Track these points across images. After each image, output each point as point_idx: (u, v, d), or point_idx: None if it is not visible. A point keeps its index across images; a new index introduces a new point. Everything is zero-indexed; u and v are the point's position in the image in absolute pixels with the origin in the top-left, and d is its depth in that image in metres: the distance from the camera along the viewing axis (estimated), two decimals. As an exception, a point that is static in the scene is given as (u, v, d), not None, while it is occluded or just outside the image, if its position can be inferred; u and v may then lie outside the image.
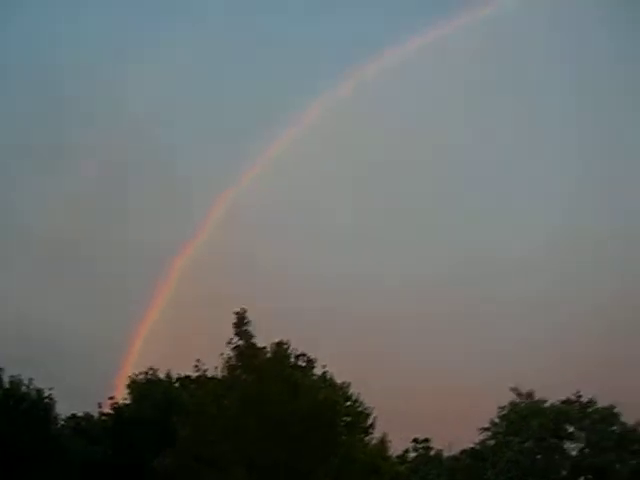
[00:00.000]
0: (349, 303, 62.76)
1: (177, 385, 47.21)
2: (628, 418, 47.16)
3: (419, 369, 59.41)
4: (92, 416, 48.57)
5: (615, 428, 47.17)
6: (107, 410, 47.38)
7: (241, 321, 38.65)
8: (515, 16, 66.13)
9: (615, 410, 47.49)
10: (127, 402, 46.85)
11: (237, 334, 38.68)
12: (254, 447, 36.09)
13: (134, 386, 47.21)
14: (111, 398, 47.32)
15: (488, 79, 72.02)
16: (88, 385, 50.55)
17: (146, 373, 47.52)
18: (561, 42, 72.11)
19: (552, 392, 48.90)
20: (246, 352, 38.65)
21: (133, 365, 49.03)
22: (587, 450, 47.50)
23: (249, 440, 36.28)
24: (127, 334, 53.01)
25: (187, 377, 45.65)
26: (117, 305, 59.89)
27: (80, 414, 48.93)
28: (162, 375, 47.65)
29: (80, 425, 48.14)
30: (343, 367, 45.50)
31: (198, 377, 41.43)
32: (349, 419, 44.21)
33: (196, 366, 40.67)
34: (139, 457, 40.81)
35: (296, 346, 40.51)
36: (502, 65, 72.29)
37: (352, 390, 45.68)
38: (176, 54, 70.64)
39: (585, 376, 51.78)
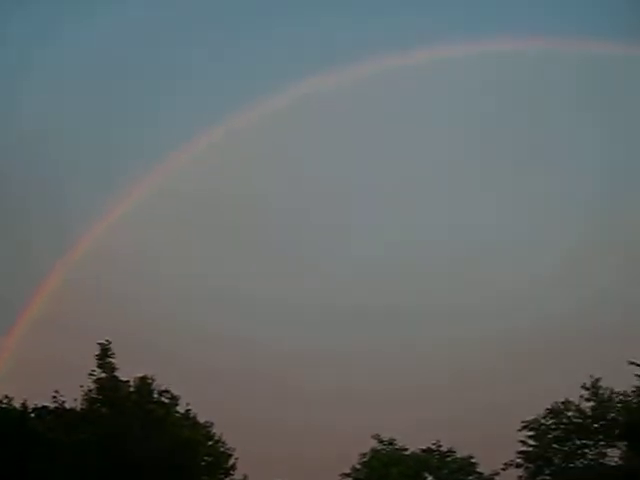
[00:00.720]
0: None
1: (33, 415, 45.26)
2: (485, 468, 48.24)
3: (282, 410, 58.97)
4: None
5: (471, 478, 48.15)
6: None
7: (104, 353, 37.73)
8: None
9: (473, 460, 48.50)
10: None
11: (99, 366, 37.73)
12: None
13: (-15, 415, 45.00)
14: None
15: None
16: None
17: (0, 402, 45.40)
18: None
19: (414, 440, 49.56)
20: (107, 385, 37.66)
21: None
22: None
23: (106, 477, 35.16)
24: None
25: (44, 407, 43.89)
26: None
27: None
28: (17, 404, 45.61)
29: None
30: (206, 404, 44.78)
31: (56, 408, 40.01)
32: (210, 459, 43.45)
33: (54, 397, 39.38)
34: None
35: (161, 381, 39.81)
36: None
37: (215, 429, 44.96)
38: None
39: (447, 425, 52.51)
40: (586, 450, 44.60)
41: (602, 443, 44.24)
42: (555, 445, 45.10)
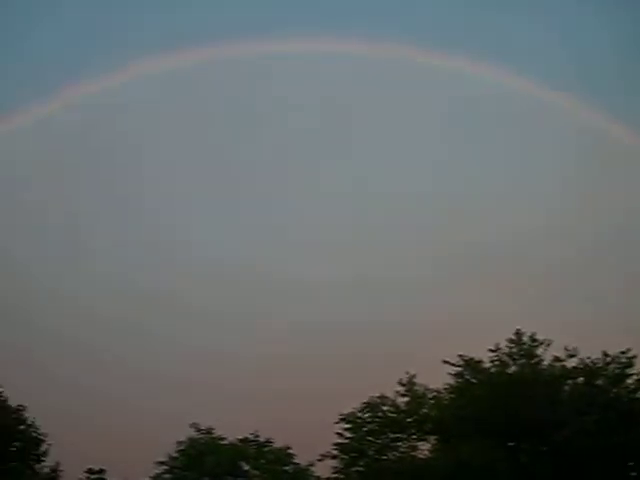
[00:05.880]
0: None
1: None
2: (302, 459, 48.93)
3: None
4: None
5: (288, 468, 48.63)
6: None
7: None
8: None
9: (290, 451, 49.02)
10: None
11: None
12: None
13: None
14: None
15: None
16: None
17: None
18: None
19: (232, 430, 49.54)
20: None
21: None
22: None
23: None
24: None
25: None
26: None
27: None
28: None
29: None
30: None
31: None
32: (19, 445, 41.73)
33: None
34: None
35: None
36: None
37: (27, 414, 43.08)
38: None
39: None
40: (399, 443, 46.01)
41: (414, 437, 45.79)
42: (370, 438, 46.23)
